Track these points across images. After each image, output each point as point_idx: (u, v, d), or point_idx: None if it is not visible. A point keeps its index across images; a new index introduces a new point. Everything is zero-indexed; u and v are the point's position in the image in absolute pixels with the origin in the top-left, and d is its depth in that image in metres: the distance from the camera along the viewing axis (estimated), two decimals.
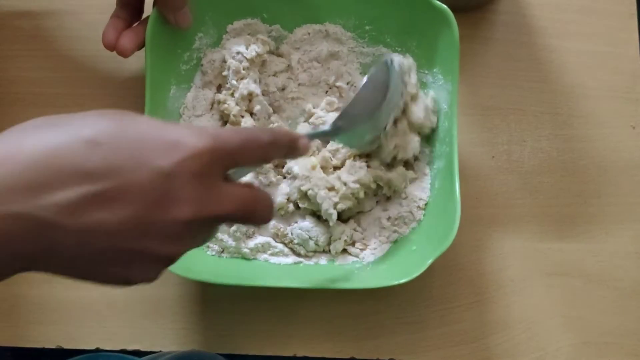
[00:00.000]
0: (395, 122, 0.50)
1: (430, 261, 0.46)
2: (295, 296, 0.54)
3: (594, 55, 0.61)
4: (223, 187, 0.31)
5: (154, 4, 0.51)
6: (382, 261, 0.51)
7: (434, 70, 0.53)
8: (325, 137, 0.49)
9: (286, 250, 0.53)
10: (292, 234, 0.52)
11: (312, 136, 0.46)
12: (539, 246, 0.56)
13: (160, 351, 0.52)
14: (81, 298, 0.54)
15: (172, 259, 0.31)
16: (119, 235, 0.28)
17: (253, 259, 0.52)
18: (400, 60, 0.49)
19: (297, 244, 0.52)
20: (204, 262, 0.50)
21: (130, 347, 0.53)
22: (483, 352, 0.54)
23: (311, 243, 0.52)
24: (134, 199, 0.28)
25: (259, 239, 0.52)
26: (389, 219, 0.53)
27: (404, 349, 0.53)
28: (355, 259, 0.52)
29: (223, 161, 0.31)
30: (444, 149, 0.52)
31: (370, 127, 0.48)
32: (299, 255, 0.53)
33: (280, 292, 0.53)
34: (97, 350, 0.53)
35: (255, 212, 0.33)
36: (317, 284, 0.49)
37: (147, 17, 0.51)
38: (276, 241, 0.53)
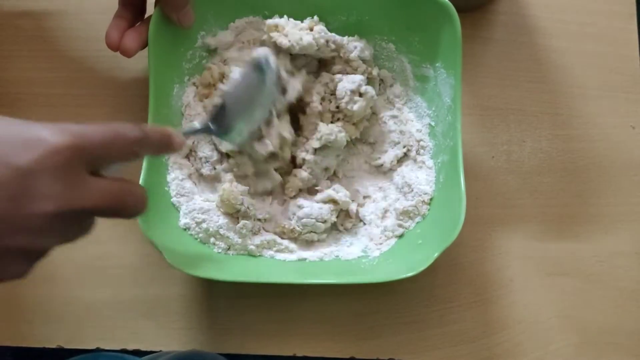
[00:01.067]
0: (278, 115, 0.51)
1: (437, 254, 0.46)
2: (296, 295, 0.54)
3: (594, 55, 0.61)
4: (88, 181, 0.32)
5: (156, 4, 0.51)
6: (388, 256, 0.51)
7: (437, 64, 0.53)
8: (200, 134, 0.51)
9: (292, 246, 0.53)
10: (298, 226, 0.53)
11: (187, 133, 0.48)
12: (539, 246, 0.56)
13: (161, 351, 0.52)
14: (81, 298, 0.54)
15: (40, 254, 0.33)
16: None
17: (259, 255, 0.52)
18: (274, 59, 0.50)
19: (307, 232, 0.53)
20: (211, 259, 0.51)
21: (130, 347, 0.53)
22: (483, 352, 0.54)
23: (319, 224, 0.52)
24: None
25: (265, 236, 0.53)
26: (395, 210, 0.53)
27: (404, 349, 0.53)
28: (361, 253, 0.53)
29: (85, 157, 0.32)
30: (447, 143, 0.52)
31: (247, 123, 0.49)
32: (312, 242, 0.53)
33: (281, 291, 0.53)
34: (97, 350, 0.53)
35: (125, 204, 0.35)
36: (323, 279, 0.49)
37: (150, 17, 0.51)
38: (283, 238, 0.53)
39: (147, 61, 0.51)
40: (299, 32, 0.52)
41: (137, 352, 0.53)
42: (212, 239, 0.51)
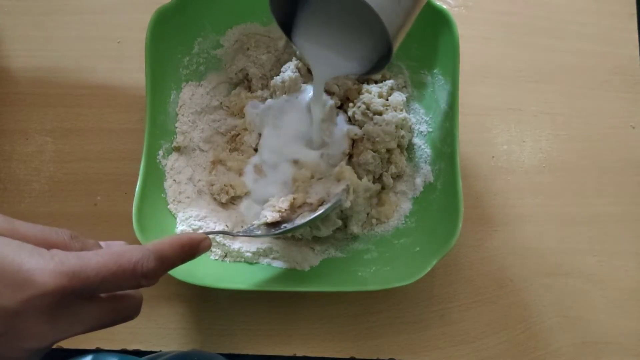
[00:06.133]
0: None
1: (434, 262, 0.46)
2: (296, 296, 0.54)
3: (594, 55, 0.61)
4: (78, 311, 0.31)
5: None
6: (386, 262, 0.51)
7: (434, 70, 0.53)
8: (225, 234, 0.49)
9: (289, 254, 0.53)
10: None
11: (210, 234, 0.46)
12: (539, 246, 0.56)
13: (161, 351, 0.52)
14: None
15: None
16: None
17: (255, 262, 0.52)
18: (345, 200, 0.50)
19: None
20: (207, 267, 0.50)
21: (130, 347, 0.53)
22: (483, 352, 0.54)
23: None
24: None
25: (262, 244, 0.53)
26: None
27: (404, 349, 0.53)
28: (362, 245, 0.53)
29: (79, 294, 0.30)
30: (445, 149, 0.52)
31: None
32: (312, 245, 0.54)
33: (280, 293, 0.53)
34: (97, 350, 0.53)
35: (115, 320, 0.33)
36: (320, 287, 0.49)
37: None
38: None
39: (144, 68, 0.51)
40: None
41: (137, 352, 0.53)
42: None
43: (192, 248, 0.35)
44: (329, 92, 0.56)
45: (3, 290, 0.29)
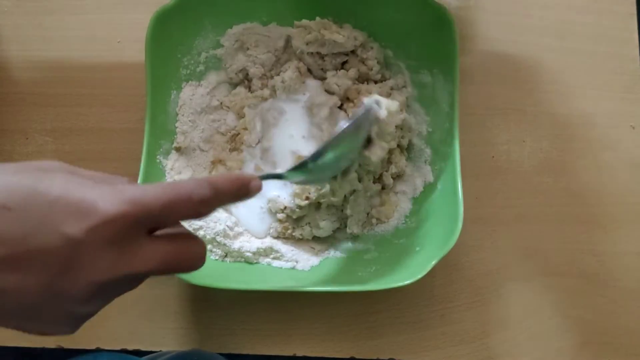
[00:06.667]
0: (347, 170, 0.48)
1: (434, 262, 0.46)
2: (296, 296, 0.54)
3: (594, 55, 0.61)
4: (142, 245, 0.31)
5: None
6: (386, 262, 0.51)
7: (434, 70, 0.53)
8: (276, 178, 0.44)
9: (289, 254, 0.53)
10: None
11: (264, 177, 0.41)
12: (538, 246, 0.56)
13: (160, 351, 0.52)
14: None
15: (88, 315, 0.32)
16: (28, 298, 0.29)
17: (256, 262, 0.52)
18: (376, 109, 0.46)
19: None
20: (208, 267, 0.50)
21: (130, 347, 0.53)
22: (483, 352, 0.54)
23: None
24: (41, 265, 0.28)
25: (262, 244, 0.53)
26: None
27: (404, 349, 0.53)
28: (361, 246, 0.53)
29: (142, 224, 0.30)
30: (445, 150, 0.52)
31: (330, 173, 0.47)
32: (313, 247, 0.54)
33: (280, 293, 0.53)
34: (97, 350, 0.53)
35: (180, 265, 0.33)
36: (320, 287, 0.49)
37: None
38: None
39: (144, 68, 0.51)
40: (340, 29, 0.54)
41: (137, 352, 0.53)
42: (209, 246, 0.51)
43: (244, 185, 0.35)
44: (329, 92, 0.56)
45: (67, 219, 0.28)
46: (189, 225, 0.51)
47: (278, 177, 0.44)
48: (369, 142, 0.48)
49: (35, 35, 0.60)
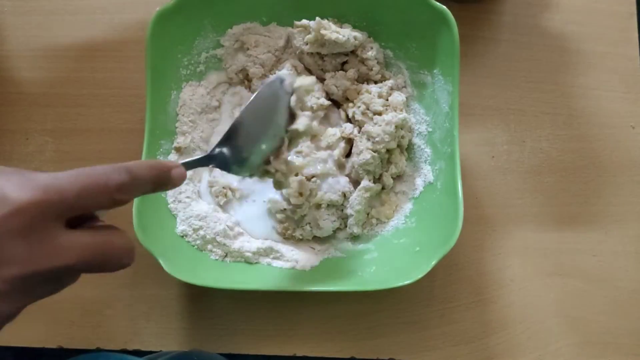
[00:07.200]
0: (280, 147, 0.46)
1: (434, 262, 0.46)
2: (295, 296, 0.54)
3: (594, 55, 0.61)
4: (61, 237, 0.29)
5: None
6: (386, 262, 0.51)
7: (434, 71, 0.53)
8: (202, 165, 0.42)
9: (289, 254, 0.53)
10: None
11: (188, 164, 0.40)
12: (539, 246, 0.56)
13: (161, 351, 0.52)
14: (81, 298, 0.54)
15: (9, 316, 0.29)
16: None
17: (256, 262, 0.52)
18: (291, 81, 0.45)
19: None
20: (207, 267, 0.51)
21: (130, 347, 0.53)
22: (483, 352, 0.54)
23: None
24: None
25: (262, 244, 0.53)
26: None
27: (404, 349, 0.53)
28: (364, 245, 0.53)
29: (56, 211, 0.29)
30: (445, 150, 0.52)
31: (256, 152, 0.44)
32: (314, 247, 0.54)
33: (280, 293, 0.53)
34: (97, 350, 0.53)
35: (106, 260, 0.31)
36: (320, 287, 0.49)
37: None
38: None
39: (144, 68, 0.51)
40: (340, 29, 0.53)
41: (137, 352, 0.53)
42: (209, 246, 0.51)
43: (163, 171, 0.34)
44: (328, 94, 0.56)
45: None
46: (189, 225, 0.51)
47: (203, 163, 0.42)
48: (293, 118, 0.46)
49: (35, 35, 0.60)
